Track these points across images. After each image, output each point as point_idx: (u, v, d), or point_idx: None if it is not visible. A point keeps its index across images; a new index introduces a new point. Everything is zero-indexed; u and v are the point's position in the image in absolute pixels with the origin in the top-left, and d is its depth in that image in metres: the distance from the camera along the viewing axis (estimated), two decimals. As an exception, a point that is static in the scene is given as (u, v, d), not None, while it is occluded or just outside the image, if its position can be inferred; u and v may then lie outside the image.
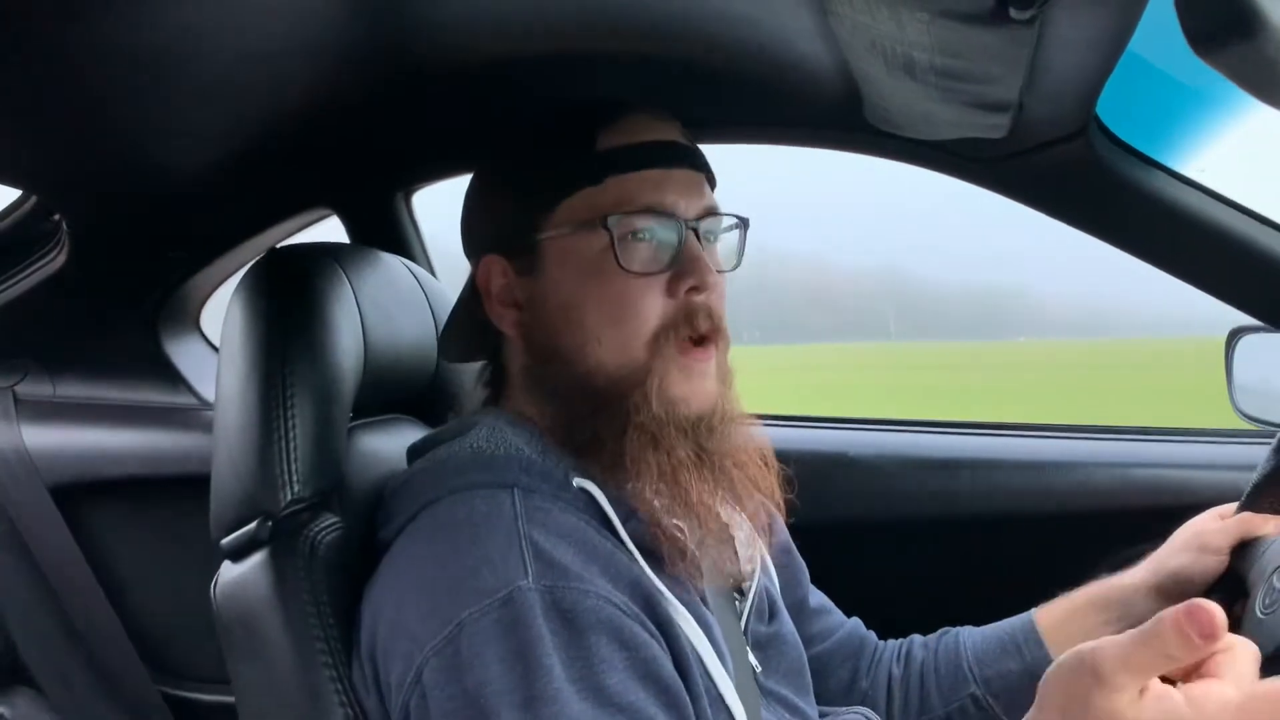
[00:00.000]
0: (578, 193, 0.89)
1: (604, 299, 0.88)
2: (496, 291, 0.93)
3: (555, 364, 0.90)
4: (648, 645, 0.79)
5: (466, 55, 1.02)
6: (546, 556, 0.79)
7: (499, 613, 0.75)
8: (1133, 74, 0.89)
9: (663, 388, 0.87)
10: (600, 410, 0.88)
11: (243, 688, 0.95)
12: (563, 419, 0.91)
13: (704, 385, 0.90)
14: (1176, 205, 1.03)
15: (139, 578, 1.59)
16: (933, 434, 1.64)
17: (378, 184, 1.51)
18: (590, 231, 0.88)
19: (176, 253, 1.50)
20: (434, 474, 0.89)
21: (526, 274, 0.91)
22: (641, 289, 0.88)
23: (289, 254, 1.05)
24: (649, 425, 0.87)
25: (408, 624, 0.79)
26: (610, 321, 0.88)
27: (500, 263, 0.92)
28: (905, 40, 0.77)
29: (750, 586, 1.01)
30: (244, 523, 0.93)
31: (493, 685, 0.73)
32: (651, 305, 0.88)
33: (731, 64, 1.04)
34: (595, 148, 0.89)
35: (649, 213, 0.88)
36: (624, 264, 0.87)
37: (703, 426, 0.90)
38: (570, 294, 0.89)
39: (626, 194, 0.88)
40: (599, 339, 0.88)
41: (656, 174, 0.90)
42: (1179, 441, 1.51)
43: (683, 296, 0.89)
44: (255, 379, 0.95)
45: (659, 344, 0.88)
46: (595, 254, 0.88)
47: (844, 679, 1.14)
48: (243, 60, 0.94)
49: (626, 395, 0.87)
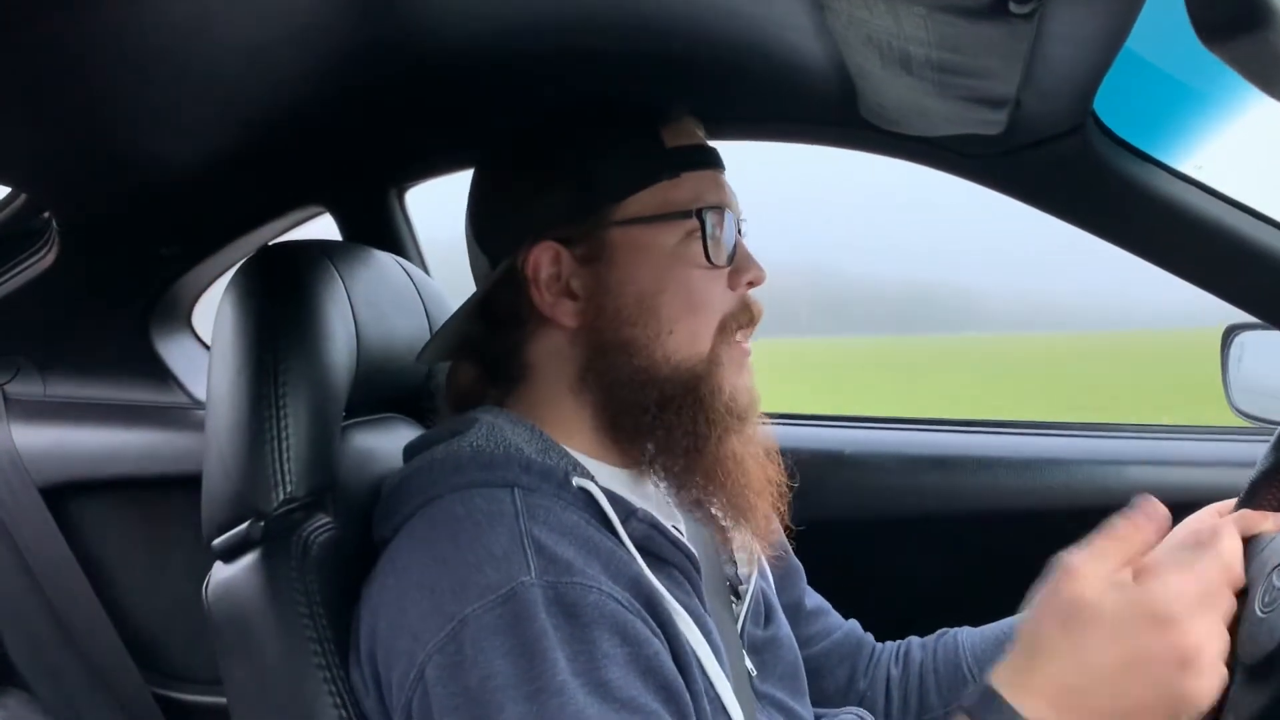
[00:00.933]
0: (653, 185, 0.91)
1: (682, 289, 0.91)
2: (546, 280, 0.92)
3: (621, 354, 0.91)
4: (649, 642, 0.79)
5: (463, 50, 1.01)
6: (549, 552, 0.79)
7: (502, 609, 0.75)
8: (1130, 71, 0.89)
9: (727, 378, 0.92)
10: (669, 400, 0.90)
11: (235, 689, 0.94)
12: (617, 409, 0.92)
13: (749, 377, 0.95)
14: (1174, 202, 1.02)
15: (131, 578, 1.59)
16: (930, 432, 1.64)
17: (371, 181, 1.50)
18: (672, 223, 0.91)
19: (168, 250, 1.49)
20: (432, 472, 0.88)
21: (589, 263, 0.91)
22: (714, 280, 0.92)
23: (281, 251, 1.04)
24: (722, 414, 0.91)
25: (409, 622, 0.79)
26: (686, 311, 0.91)
27: (554, 250, 0.91)
28: (902, 35, 0.77)
29: (747, 589, 1.01)
30: (236, 523, 0.93)
31: (497, 680, 0.73)
32: (721, 297, 0.93)
33: (725, 59, 1.04)
34: (665, 144, 0.92)
35: (719, 209, 0.92)
36: (709, 255, 0.91)
37: (751, 416, 0.94)
38: (647, 283, 0.90)
39: (697, 191, 0.92)
40: (672, 329, 0.90)
41: (714, 174, 0.95)
42: (1176, 438, 1.51)
43: (742, 289, 0.94)
44: (247, 377, 0.94)
45: (723, 335, 0.92)
46: (673, 245, 0.91)
47: (841, 680, 1.13)
48: (235, 55, 0.93)
49: (696, 385, 0.90)
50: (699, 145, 0.95)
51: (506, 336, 0.95)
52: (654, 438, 0.91)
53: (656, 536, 0.87)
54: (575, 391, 0.93)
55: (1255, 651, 0.86)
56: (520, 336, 0.95)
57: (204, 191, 1.31)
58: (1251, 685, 0.86)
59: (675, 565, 0.88)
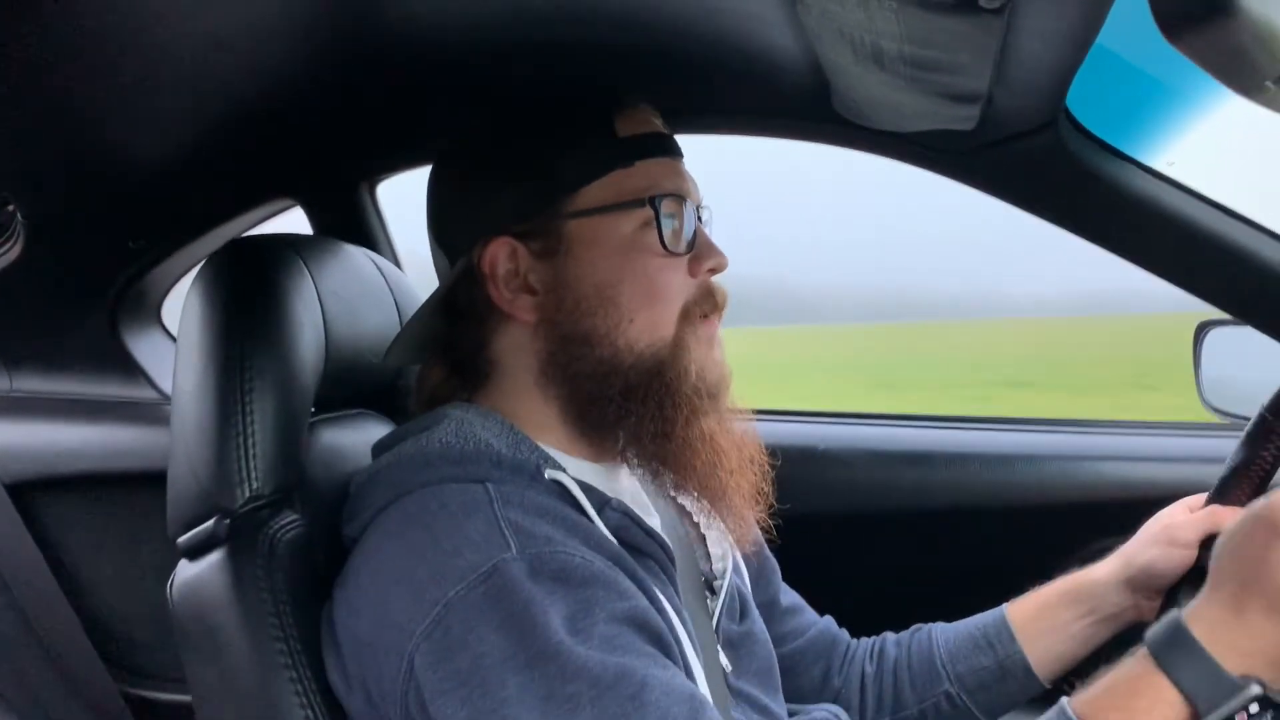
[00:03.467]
0: (608, 175, 0.90)
1: (639, 278, 0.90)
2: (504, 276, 0.91)
3: (582, 346, 0.90)
4: (637, 596, 0.80)
5: (433, 42, 1.00)
6: (526, 530, 0.79)
7: (485, 585, 0.75)
8: (1102, 67, 0.89)
9: (694, 358, 0.91)
10: (633, 388, 0.89)
11: (200, 689, 0.93)
12: (582, 401, 0.91)
13: (718, 354, 0.94)
14: (1145, 198, 1.03)
15: (98, 575, 1.57)
16: (905, 428, 1.64)
17: (341, 174, 1.49)
18: (626, 212, 0.90)
19: (136, 244, 1.47)
20: (401, 469, 0.87)
21: (546, 256, 0.90)
22: (672, 268, 0.91)
23: (248, 245, 1.03)
24: (690, 395, 0.90)
25: (392, 616, 0.78)
26: (646, 300, 0.90)
27: (510, 245, 0.91)
28: (874, 29, 0.77)
29: (722, 585, 1.00)
30: (201, 520, 0.92)
31: (491, 656, 0.73)
32: (680, 284, 0.92)
33: (697, 52, 1.03)
34: (618, 134, 0.91)
35: (674, 197, 0.91)
36: (666, 243, 0.89)
37: (722, 393, 0.94)
38: (605, 274, 0.89)
39: (653, 179, 0.91)
40: (632, 318, 0.89)
41: (670, 162, 0.94)
42: (1149, 435, 1.52)
43: (703, 276, 0.93)
44: (213, 373, 0.93)
45: (685, 321, 0.91)
46: (629, 234, 0.90)
47: (816, 677, 1.13)
48: (202, 47, 0.91)
49: (661, 370, 0.90)
50: (653, 134, 0.93)
51: (470, 334, 0.94)
52: (623, 427, 0.91)
53: (631, 527, 0.87)
54: (541, 386, 0.92)
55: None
56: (484, 333, 0.94)
57: (172, 184, 1.30)
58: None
59: (650, 556, 0.88)
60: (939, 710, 1.10)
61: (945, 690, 1.09)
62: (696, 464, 0.91)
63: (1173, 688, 0.69)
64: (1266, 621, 0.68)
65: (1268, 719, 0.64)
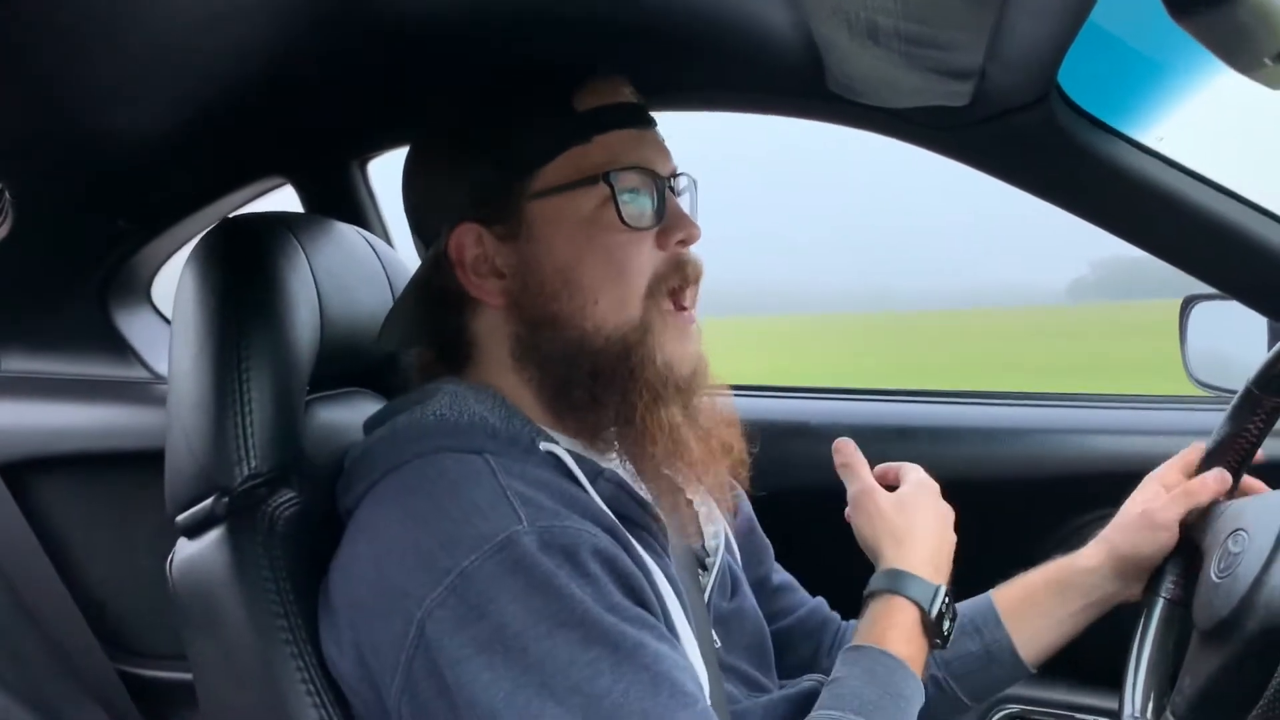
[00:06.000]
0: (564, 153, 0.89)
1: (601, 255, 0.89)
2: (471, 261, 0.91)
3: (550, 329, 0.90)
4: (636, 575, 0.81)
5: (423, 17, 0.99)
6: (534, 502, 0.80)
7: (500, 555, 0.76)
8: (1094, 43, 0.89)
9: (661, 346, 0.90)
10: (600, 371, 0.89)
11: (201, 665, 0.94)
12: (556, 385, 0.91)
13: (691, 345, 0.93)
14: (1135, 174, 1.03)
15: (93, 555, 1.57)
16: (893, 403, 1.65)
17: (333, 152, 1.48)
18: (584, 190, 0.88)
19: (126, 223, 1.46)
20: (396, 441, 0.88)
21: (509, 240, 0.90)
22: (636, 243, 0.90)
23: (242, 224, 1.03)
24: (654, 383, 0.89)
25: (395, 583, 0.78)
26: (609, 279, 0.89)
27: (475, 230, 0.90)
28: (869, 4, 0.77)
29: (713, 561, 1.01)
30: (200, 499, 0.92)
31: (513, 625, 0.74)
32: (646, 259, 0.90)
33: (689, 28, 1.03)
34: (575, 108, 0.89)
35: (636, 170, 0.90)
36: (625, 219, 0.88)
37: (692, 386, 0.92)
38: (566, 255, 0.89)
39: (613, 153, 0.89)
40: (596, 298, 0.89)
41: (634, 134, 0.92)
42: (1135, 408, 1.53)
43: (672, 249, 0.92)
44: (209, 352, 0.93)
45: (653, 298, 0.90)
46: (589, 212, 0.89)
47: (805, 656, 1.14)
48: (194, 22, 0.91)
49: (627, 354, 0.89)
50: (614, 105, 0.91)
51: (449, 318, 0.95)
52: (593, 410, 0.91)
53: (624, 497, 0.88)
54: (517, 369, 0.92)
55: (1211, 615, 0.88)
56: (461, 317, 0.94)
57: (162, 162, 1.29)
58: (1207, 648, 0.89)
59: (644, 527, 0.89)
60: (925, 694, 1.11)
61: (931, 674, 1.10)
62: (654, 452, 0.90)
63: (906, 601, 0.94)
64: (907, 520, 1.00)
65: (951, 610, 0.96)
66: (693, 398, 0.92)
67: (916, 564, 0.96)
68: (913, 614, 0.93)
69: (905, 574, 0.95)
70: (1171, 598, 1.01)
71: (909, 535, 0.98)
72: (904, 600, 0.93)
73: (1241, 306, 1.10)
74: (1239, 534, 0.91)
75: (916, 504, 1.01)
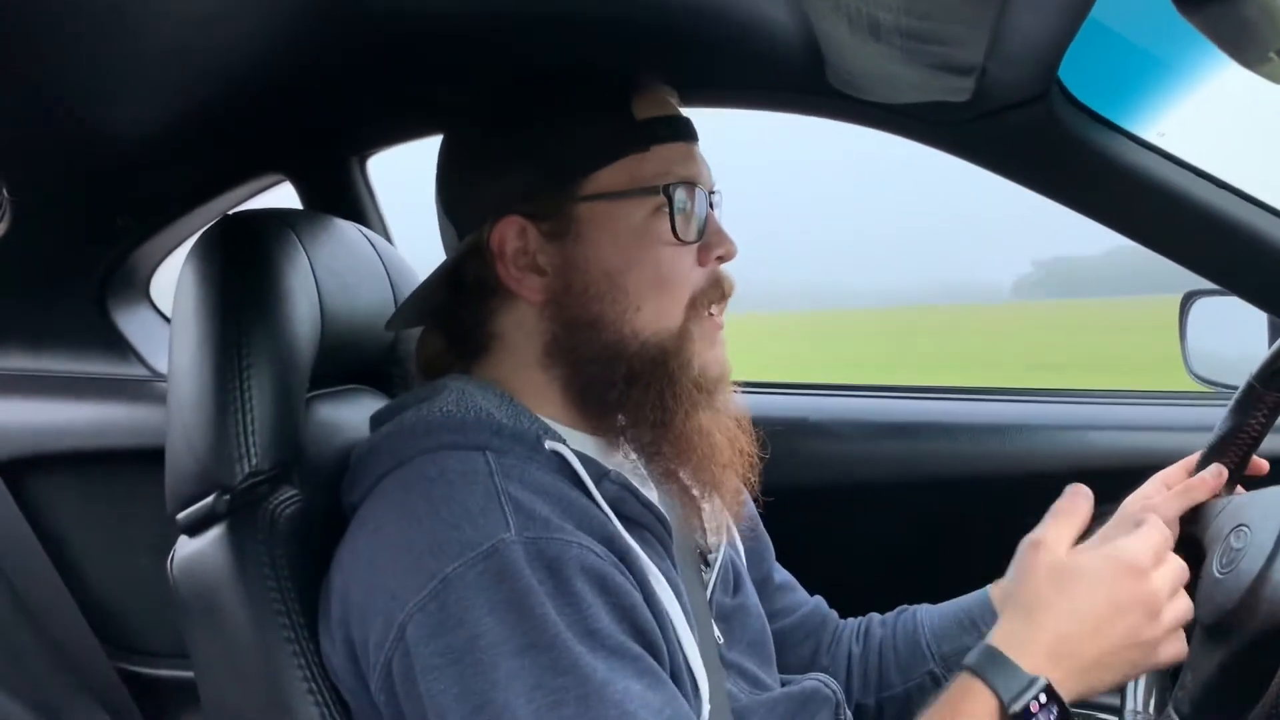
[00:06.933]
0: (621, 159, 0.89)
1: (648, 266, 0.89)
2: (512, 254, 0.90)
3: (588, 330, 0.90)
4: (629, 592, 0.80)
5: (423, 14, 0.99)
6: (526, 509, 0.79)
7: (484, 564, 0.75)
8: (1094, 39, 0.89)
9: (698, 352, 0.91)
10: (637, 376, 0.89)
11: (202, 664, 0.94)
12: (587, 384, 0.91)
13: (721, 351, 0.94)
14: (1136, 169, 1.03)
15: (92, 553, 1.56)
16: (893, 399, 1.65)
17: (332, 148, 1.48)
18: (638, 198, 0.89)
19: (125, 219, 1.46)
20: (401, 437, 0.88)
21: (555, 238, 0.90)
22: (682, 256, 0.91)
23: (242, 221, 1.02)
24: (691, 389, 0.90)
25: (385, 582, 0.78)
26: (654, 289, 0.89)
27: (520, 224, 0.90)
28: (870, 0, 0.76)
29: (716, 558, 1.01)
30: (200, 497, 0.92)
31: (486, 638, 0.73)
32: (690, 273, 0.92)
33: (691, 25, 1.03)
34: (635, 116, 0.90)
35: (688, 184, 0.90)
36: (678, 232, 0.89)
37: (721, 390, 0.94)
38: (614, 260, 0.89)
39: (666, 165, 0.90)
40: (640, 305, 0.89)
41: (686, 147, 0.93)
42: (1137, 404, 1.53)
43: (712, 265, 0.93)
44: (209, 350, 0.93)
45: (694, 311, 0.91)
46: (641, 221, 0.89)
47: (805, 655, 1.15)
48: (192, 17, 0.90)
49: (665, 360, 0.89)
50: (670, 117, 0.93)
51: (474, 307, 0.94)
52: (623, 411, 0.91)
53: (629, 498, 0.88)
54: (543, 366, 0.92)
55: (1213, 611, 0.88)
56: (488, 308, 0.93)
57: (161, 159, 1.29)
58: (1210, 644, 0.89)
59: (647, 528, 0.89)
60: (923, 690, 1.10)
61: (930, 670, 1.10)
62: (691, 456, 0.91)
63: (985, 688, 0.79)
64: (1053, 598, 0.82)
65: (1054, 710, 0.78)
66: (719, 400, 0.93)
67: (1030, 646, 0.80)
68: (989, 705, 0.78)
69: (1000, 655, 0.80)
70: None
71: (1044, 609, 0.81)
72: (983, 687, 0.79)
73: (1241, 302, 1.10)
74: (1241, 529, 0.91)
75: (1083, 576, 0.82)
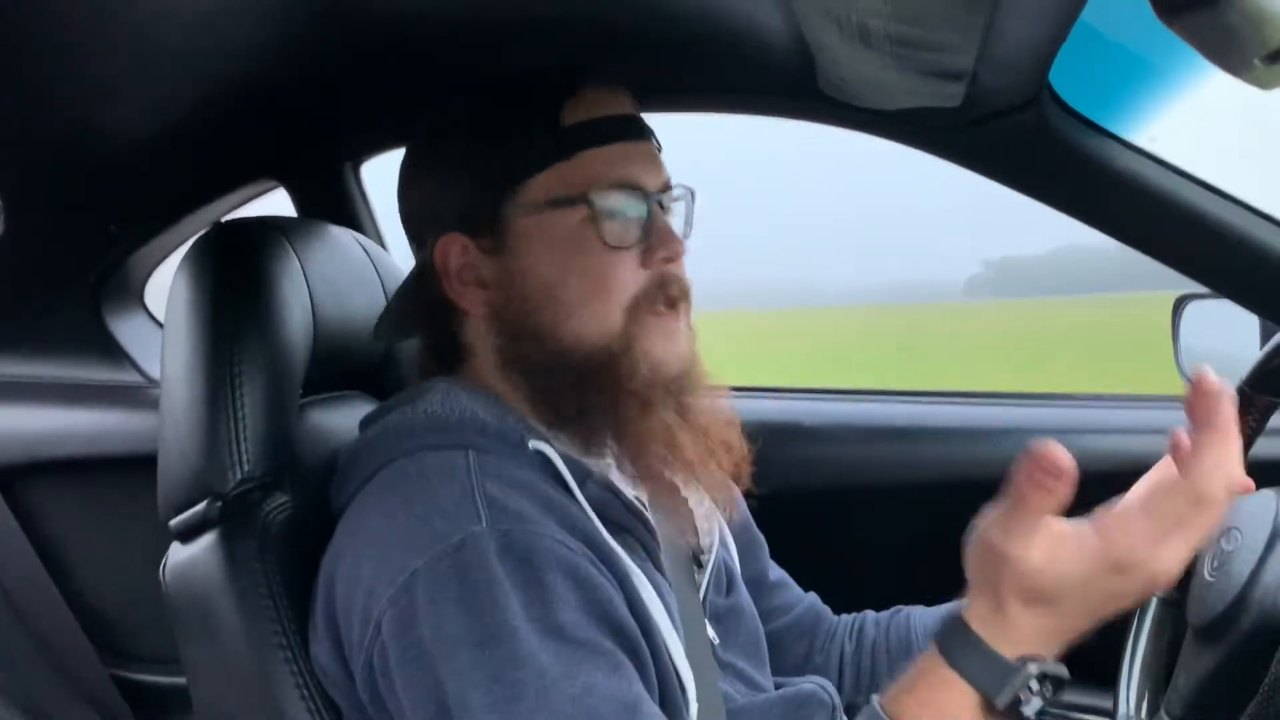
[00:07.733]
0: (549, 169, 0.88)
1: (583, 274, 0.88)
2: (456, 270, 0.91)
3: (531, 341, 0.90)
4: (603, 586, 0.80)
5: (414, 18, 0.99)
6: (500, 504, 0.79)
7: (453, 558, 0.75)
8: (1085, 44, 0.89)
9: (647, 351, 0.89)
10: (585, 382, 0.89)
11: (195, 670, 0.94)
12: (542, 394, 0.91)
13: (679, 345, 0.92)
14: (1127, 174, 1.03)
15: (86, 559, 1.56)
16: (887, 403, 1.65)
17: (325, 154, 1.48)
18: (566, 208, 0.88)
19: (118, 226, 1.46)
20: (387, 439, 0.88)
21: (493, 252, 0.90)
22: (618, 262, 0.89)
23: (235, 228, 1.03)
24: (641, 390, 0.88)
25: (363, 579, 0.79)
26: (589, 296, 0.88)
27: (460, 241, 0.90)
28: (860, 6, 0.77)
29: (708, 558, 1.01)
30: (193, 503, 0.92)
31: (449, 630, 0.74)
32: (628, 278, 0.89)
33: (681, 30, 1.03)
34: (562, 122, 0.89)
35: (621, 188, 0.89)
36: (606, 239, 0.87)
37: (683, 385, 0.91)
38: (547, 271, 0.89)
39: (597, 169, 0.88)
40: (577, 314, 0.88)
41: (622, 148, 0.90)
42: (1134, 408, 1.53)
43: (656, 267, 0.90)
44: (202, 356, 0.93)
45: (636, 313, 0.89)
46: (571, 229, 0.88)
47: (799, 654, 1.14)
48: (184, 22, 0.90)
49: (613, 364, 0.88)
50: (605, 118, 0.90)
51: (440, 322, 0.95)
52: (583, 416, 0.90)
53: (612, 500, 0.88)
54: (504, 376, 0.92)
55: (1204, 614, 0.88)
56: (451, 323, 0.95)
57: (154, 165, 1.28)
58: (1201, 646, 0.89)
59: (631, 532, 0.89)
60: None
61: None
62: (651, 455, 0.90)
63: (961, 680, 0.71)
64: (1025, 611, 0.70)
65: (1049, 689, 0.69)
66: (684, 397, 0.92)
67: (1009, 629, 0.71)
68: (967, 701, 0.70)
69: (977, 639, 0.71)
70: (1165, 597, 1.01)
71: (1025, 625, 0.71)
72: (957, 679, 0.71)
73: (1234, 305, 1.10)
74: (1231, 532, 0.91)
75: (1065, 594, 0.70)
